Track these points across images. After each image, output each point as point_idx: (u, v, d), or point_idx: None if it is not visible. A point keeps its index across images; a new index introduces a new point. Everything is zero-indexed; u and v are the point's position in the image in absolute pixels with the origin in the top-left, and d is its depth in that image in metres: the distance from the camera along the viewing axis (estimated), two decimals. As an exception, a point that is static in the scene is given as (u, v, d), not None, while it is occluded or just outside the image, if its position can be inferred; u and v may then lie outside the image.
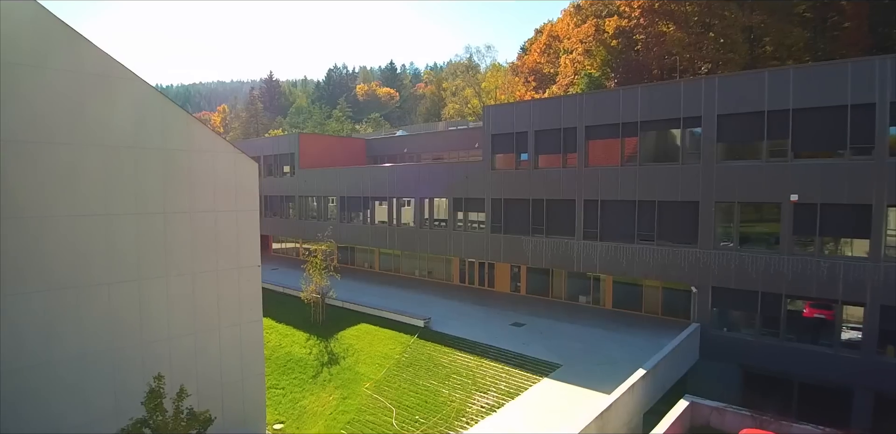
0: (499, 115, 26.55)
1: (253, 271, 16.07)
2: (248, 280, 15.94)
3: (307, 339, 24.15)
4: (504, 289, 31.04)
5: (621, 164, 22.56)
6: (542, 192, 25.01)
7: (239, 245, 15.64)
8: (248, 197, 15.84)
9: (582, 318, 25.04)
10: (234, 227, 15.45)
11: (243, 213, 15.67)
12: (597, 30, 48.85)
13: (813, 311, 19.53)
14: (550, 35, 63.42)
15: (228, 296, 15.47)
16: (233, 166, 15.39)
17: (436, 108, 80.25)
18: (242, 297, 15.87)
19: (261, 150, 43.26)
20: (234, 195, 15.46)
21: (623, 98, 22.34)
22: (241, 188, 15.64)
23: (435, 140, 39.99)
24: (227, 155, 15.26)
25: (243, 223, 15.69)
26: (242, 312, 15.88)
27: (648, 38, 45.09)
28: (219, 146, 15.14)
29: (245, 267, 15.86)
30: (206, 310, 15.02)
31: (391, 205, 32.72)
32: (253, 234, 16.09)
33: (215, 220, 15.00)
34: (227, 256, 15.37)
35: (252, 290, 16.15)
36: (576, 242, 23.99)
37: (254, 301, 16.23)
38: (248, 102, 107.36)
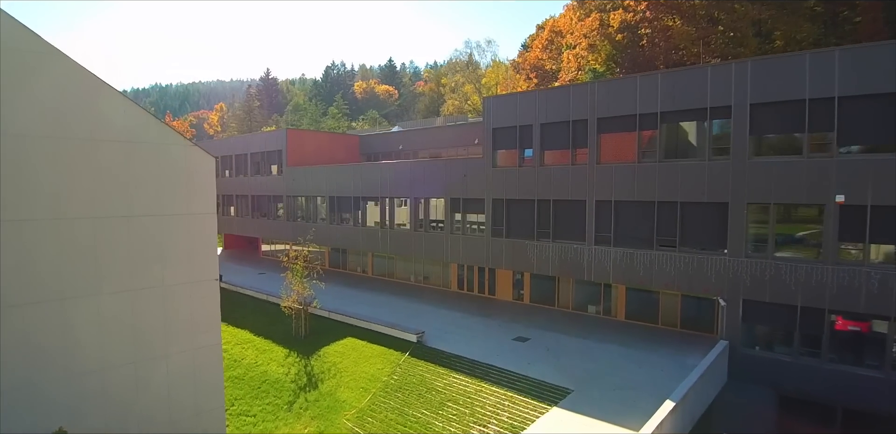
0: (500, 108, 24.04)
1: (209, 286, 13.58)
2: (203, 297, 13.46)
3: (286, 355, 21.68)
4: (506, 297, 28.55)
5: (638, 161, 20.04)
6: (548, 191, 22.51)
7: (192, 255, 13.16)
8: (203, 198, 13.36)
9: (592, 331, 22.55)
10: (185, 234, 12.97)
11: (197, 218, 13.19)
12: (601, 24, 46.95)
13: (847, 323, 17.07)
14: (553, 30, 61.30)
15: (178, 316, 12.99)
16: (184, 162, 12.91)
17: (435, 105, 77.64)
18: (196, 318, 13.39)
19: (247, 147, 40.83)
20: (186, 196, 12.98)
21: (640, 86, 19.82)
22: (195, 188, 13.16)
23: (432, 136, 37.48)
24: (177, 148, 12.78)
25: (197, 229, 13.21)
26: (196, 336, 13.40)
27: (654, 32, 42.97)
28: (167, 138, 12.65)
29: (200, 281, 13.38)
30: (150, 334, 12.56)
31: (384, 205, 30.25)
32: (209, 241, 13.60)
33: (161, 226, 12.52)
34: (177, 269, 12.89)
35: (208, 309, 13.67)
36: (586, 248, 21.48)
37: (211, 322, 13.76)
38: (245, 101, 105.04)
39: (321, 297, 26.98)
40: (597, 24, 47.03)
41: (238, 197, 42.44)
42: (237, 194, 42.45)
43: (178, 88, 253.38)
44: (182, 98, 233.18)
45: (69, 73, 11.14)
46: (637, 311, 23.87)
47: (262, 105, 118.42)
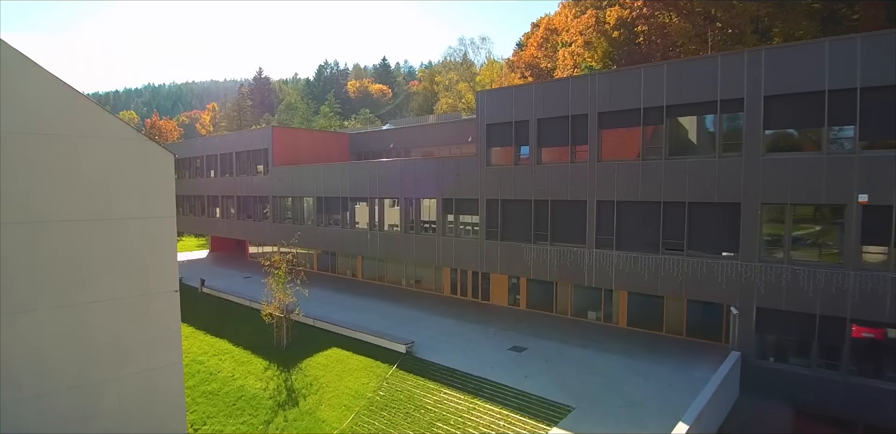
0: (495, 102, 22.64)
1: (168, 299, 12.10)
2: (161, 311, 11.98)
3: (266, 368, 20.20)
4: (501, 302, 27.18)
5: (642, 159, 18.68)
6: (546, 191, 21.13)
7: (147, 264, 11.68)
8: (160, 199, 11.89)
9: (593, 339, 21.20)
10: (139, 240, 11.49)
11: (153, 222, 11.71)
12: (597, 21, 46.23)
13: (861, 329, 15.76)
14: (548, 28, 60.45)
15: (132, 333, 11.51)
16: (137, 159, 11.44)
17: (428, 103, 76.06)
18: (153, 335, 11.91)
19: (233, 146, 39.26)
20: (140, 197, 11.50)
21: (645, 78, 18.46)
22: (151, 188, 11.69)
23: (425, 134, 36.03)
24: (129, 143, 11.30)
25: (154, 234, 11.73)
26: (153, 354, 11.92)
27: (651, 29, 42.05)
28: (117, 132, 11.18)
29: (156, 293, 11.90)
30: (98, 354, 11.07)
31: (373, 206, 28.79)
32: (167, 248, 12.13)
33: (111, 232, 11.04)
34: (130, 280, 11.41)
35: (167, 325, 12.18)
36: (587, 251, 20.10)
37: (170, 339, 12.27)
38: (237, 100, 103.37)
39: (307, 303, 25.54)
40: (593, 21, 46.44)
41: (224, 198, 40.87)
42: (223, 195, 40.89)
43: (171, 88, 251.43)
44: (175, 98, 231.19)
45: (-4, 56, 9.64)
46: (640, 318, 22.55)
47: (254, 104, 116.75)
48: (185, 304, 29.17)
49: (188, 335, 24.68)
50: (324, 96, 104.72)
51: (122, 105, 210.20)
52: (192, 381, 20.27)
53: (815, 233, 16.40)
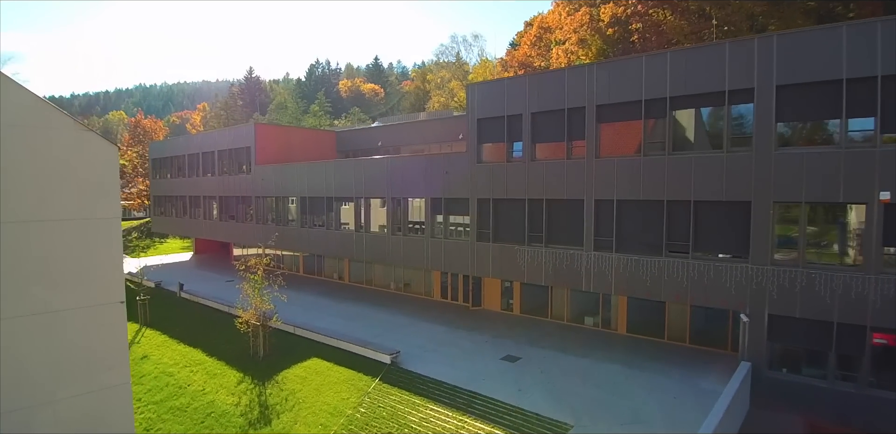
0: (486, 95, 21.30)
1: (112, 312, 10.64)
2: (105, 325, 10.53)
3: (239, 381, 18.72)
4: (494, 306, 25.84)
5: (644, 154, 17.39)
6: (540, 190, 19.80)
7: (88, 272, 10.23)
8: (103, 198, 10.44)
9: (591, 347, 19.89)
10: (78, 245, 10.04)
11: (94, 224, 10.26)
12: (591, 18, 45.51)
13: (882, 336, 14.55)
14: (541, 27, 59.59)
15: (69, 351, 10.06)
16: (75, 152, 9.99)
17: (420, 102, 74.69)
18: (96, 352, 10.46)
19: (215, 144, 37.72)
20: (78, 196, 10.05)
21: (647, 67, 17.18)
22: (91, 185, 10.24)
23: (414, 131, 34.61)
24: (65, 134, 9.86)
25: (95, 238, 10.28)
26: (96, 374, 10.47)
27: (646, 26, 41.16)
28: (49, 120, 9.72)
29: (100, 305, 10.44)
30: (30, 374, 9.61)
31: (359, 206, 27.36)
32: (112, 253, 10.67)
33: (43, 236, 9.59)
34: (68, 290, 9.97)
35: (112, 340, 10.73)
36: (584, 254, 18.78)
37: (116, 356, 10.82)
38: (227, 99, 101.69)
39: (290, 308, 24.18)
40: (587, 19, 45.85)
41: (206, 198, 39.31)
42: (205, 195, 39.32)
43: (162, 89, 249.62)
44: (166, 98, 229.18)
45: None
46: (640, 324, 21.27)
47: (244, 104, 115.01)
48: (162, 310, 27.97)
49: (160, 344, 23.19)
50: (315, 96, 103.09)
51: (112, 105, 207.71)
52: (159, 396, 18.80)
53: (833, 233, 15.13)
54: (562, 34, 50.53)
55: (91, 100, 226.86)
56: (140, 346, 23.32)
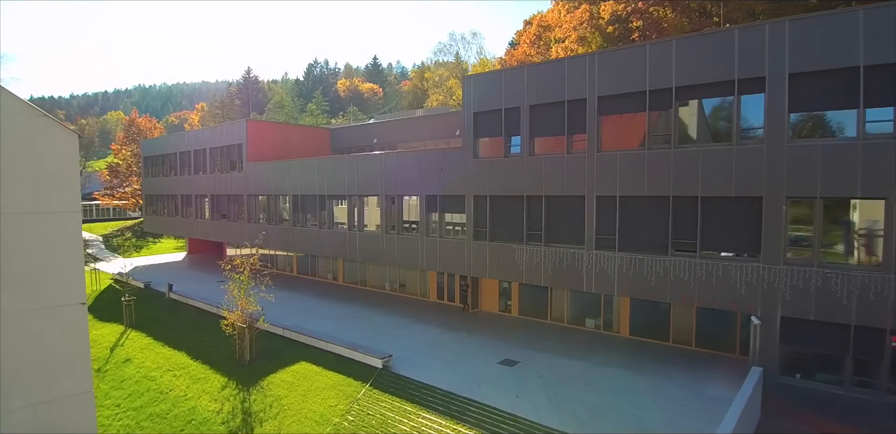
0: (482, 87, 20.43)
1: (73, 314, 9.78)
2: (64, 329, 9.66)
3: (223, 386, 17.82)
4: (491, 308, 24.96)
5: (648, 148, 16.51)
6: (539, 186, 18.92)
7: (44, 271, 9.37)
8: (60, 190, 9.59)
9: (592, 351, 19.01)
10: (31, 241, 9.18)
11: (50, 218, 9.41)
12: (591, 16, 44.89)
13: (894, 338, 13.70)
14: (540, 25, 59.10)
15: (23, 356, 9.19)
16: (28, 139, 9.12)
17: (418, 101, 73.87)
18: (53, 358, 9.59)
19: (206, 141, 36.84)
20: (32, 187, 9.19)
21: (651, 56, 16.31)
22: (46, 176, 9.38)
23: (410, 128, 33.71)
24: (17, 119, 8.98)
25: (51, 233, 9.42)
26: (54, 383, 9.61)
27: (646, 23, 40.45)
28: (4, 105, 8.85)
29: (58, 307, 9.59)
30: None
31: (352, 204, 26.48)
32: (71, 250, 9.82)
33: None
34: (21, 291, 9.11)
35: (73, 345, 9.87)
36: (585, 253, 17.90)
37: (77, 362, 9.96)
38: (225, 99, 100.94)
39: (281, 310, 23.40)
40: (587, 17, 45.30)
41: (198, 197, 38.43)
42: (197, 194, 38.44)
43: (161, 89, 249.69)
44: (165, 99, 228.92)
45: None
46: (643, 326, 20.40)
47: (242, 104, 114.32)
48: (149, 311, 27.07)
49: (145, 347, 22.30)
50: (312, 95, 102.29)
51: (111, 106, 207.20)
52: (139, 401, 17.91)
53: (850, 231, 14.24)
54: (561, 32, 50.00)
55: (90, 100, 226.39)
56: (124, 349, 22.43)
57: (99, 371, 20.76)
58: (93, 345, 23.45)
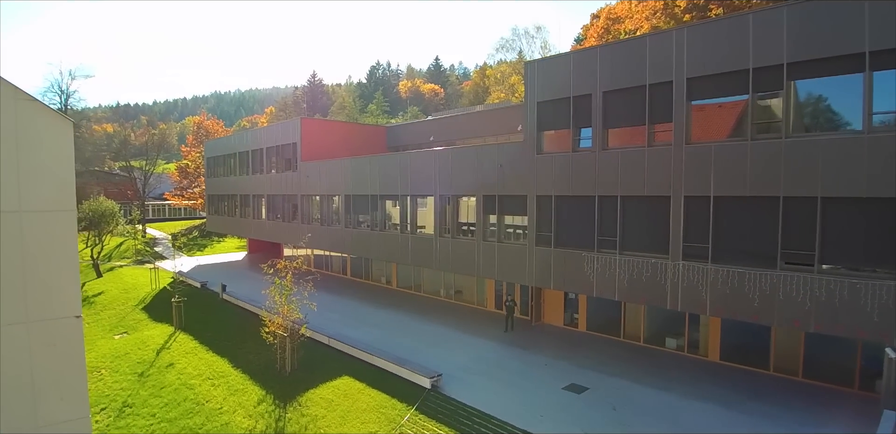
0: (548, 73, 18.10)
1: (66, 328, 8.40)
2: (54, 345, 8.30)
3: (259, 400, 16.48)
4: (556, 321, 22.51)
5: (751, 138, 13.64)
6: (614, 184, 16.36)
7: (33, 278, 8.04)
8: (50, 186, 8.24)
9: (675, 378, 16.23)
10: (16, 244, 7.86)
11: (39, 217, 8.07)
12: (665, 5, 41.71)
13: None
14: (609, 18, 55.99)
15: (4, 378, 7.87)
16: (15, 127, 7.82)
17: (479, 99, 71.85)
18: (43, 378, 8.24)
19: (263, 141, 36.46)
20: (17, 182, 7.87)
21: (756, 27, 13.45)
22: (35, 169, 8.04)
23: (468, 124, 31.69)
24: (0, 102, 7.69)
25: (40, 235, 8.09)
26: (42, 407, 8.25)
27: (727, 11, 36.64)
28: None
29: (47, 320, 8.23)
30: (-57, 410, 7.50)
31: (404, 205, 24.79)
32: (64, 254, 8.44)
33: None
34: (6, 302, 7.79)
35: (66, 363, 8.50)
36: (670, 264, 15.18)
37: (70, 382, 8.58)
38: (282, 102, 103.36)
39: (329, 314, 22.21)
40: (661, 6, 42.17)
41: (255, 197, 38.17)
42: (254, 194, 38.20)
43: (234, 95, 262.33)
44: (238, 104, 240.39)
45: None
46: (738, 350, 17.39)
47: (307, 107, 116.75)
48: (200, 312, 26.42)
49: (189, 351, 21.52)
50: (373, 96, 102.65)
51: (189, 111, 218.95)
52: (175, 412, 16.90)
53: None
54: (632, 23, 47.14)
55: (170, 106, 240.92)
56: (169, 353, 21.76)
57: (142, 375, 20.12)
58: (141, 346, 23.03)
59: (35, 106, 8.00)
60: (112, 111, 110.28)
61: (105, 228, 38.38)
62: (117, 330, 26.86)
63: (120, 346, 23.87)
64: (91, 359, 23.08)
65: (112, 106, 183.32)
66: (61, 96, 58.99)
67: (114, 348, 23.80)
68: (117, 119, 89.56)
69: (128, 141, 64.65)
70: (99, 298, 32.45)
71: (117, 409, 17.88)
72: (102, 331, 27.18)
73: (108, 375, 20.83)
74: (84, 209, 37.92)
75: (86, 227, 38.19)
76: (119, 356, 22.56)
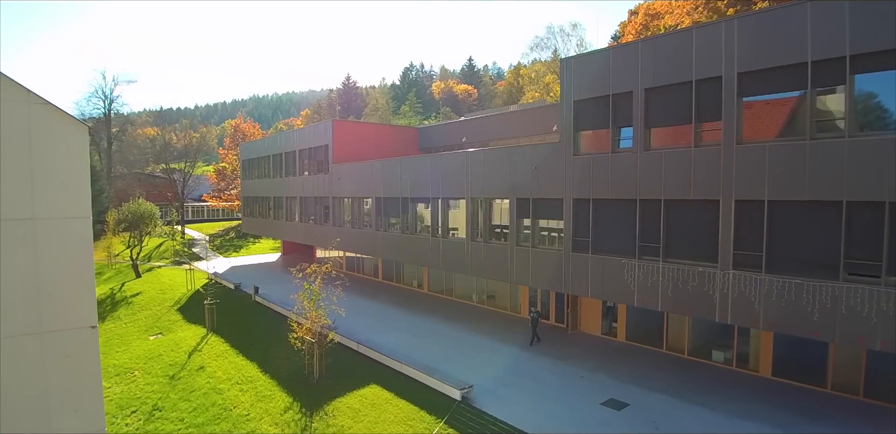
0: (585, 70, 17.23)
1: (81, 339, 8.14)
2: (68, 356, 8.04)
3: (286, 408, 16.14)
4: (592, 329, 21.57)
5: (811, 137, 12.49)
6: (657, 187, 15.37)
7: (44, 286, 7.79)
8: (65, 192, 7.99)
9: (722, 395, 15.14)
10: (30, 253, 7.62)
11: (53, 225, 7.81)
12: None
13: None
14: (647, 14, 54.18)
15: (17, 390, 7.64)
16: (28, 131, 7.58)
17: (513, 99, 70.81)
18: (56, 391, 7.99)
19: (295, 143, 36.55)
20: (30, 189, 7.63)
21: (814, 15, 12.31)
22: (49, 176, 7.79)
23: (502, 124, 30.89)
24: (10, 107, 7.45)
25: (54, 244, 7.83)
26: (57, 421, 8.01)
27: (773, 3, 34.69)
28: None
29: (62, 330, 7.98)
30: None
31: (435, 208, 24.22)
32: (79, 263, 8.19)
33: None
34: (15, 311, 7.55)
35: (80, 375, 8.25)
36: (719, 273, 14.10)
37: (85, 395, 8.32)
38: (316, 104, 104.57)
39: (359, 318, 21.96)
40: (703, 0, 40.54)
41: (288, 199, 38.33)
42: (287, 196, 38.36)
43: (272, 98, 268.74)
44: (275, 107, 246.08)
45: None
46: (792, 364, 16.15)
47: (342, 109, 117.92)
48: (232, 314, 26.45)
49: (220, 354, 21.48)
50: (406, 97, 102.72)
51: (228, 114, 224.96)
52: (202, 418, 16.75)
53: None
54: (672, 19, 45.42)
55: (210, 110, 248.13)
56: (200, 355, 21.77)
57: (173, 378, 20.14)
58: (174, 348, 23.14)
59: (48, 109, 7.74)
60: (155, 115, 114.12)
61: (144, 230, 39.18)
62: (152, 331, 27.19)
63: (154, 348, 24.08)
64: (126, 360, 23.37)
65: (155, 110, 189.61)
66: (105, 101, 60.82)
67: (148, 349, 24.03)
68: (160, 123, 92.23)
69: (169, 144, 66.34)
70: (137, 299, 33.04)
71: (147, 413, 17.89)
72: (139, 331, 27.56)
73: (141, 377, 20.96)
74: (124, 211, 38.88)
75: (126, 228, 39.13)
76: (152, 358, 22.73)
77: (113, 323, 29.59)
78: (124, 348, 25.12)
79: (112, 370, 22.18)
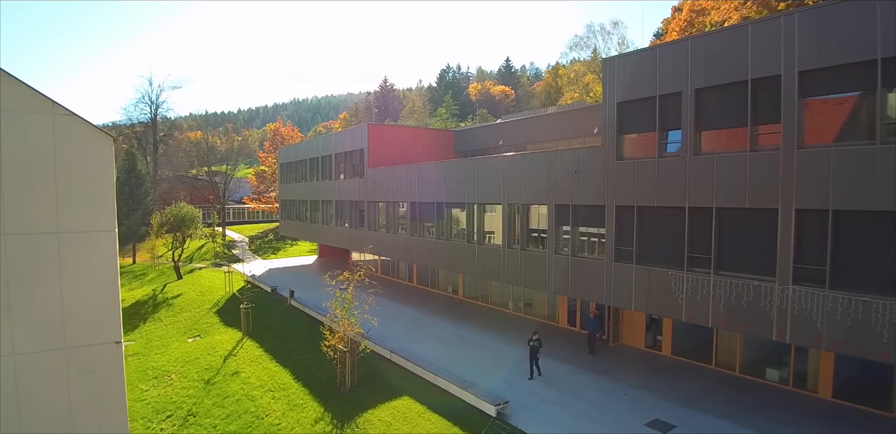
0: (629, 70, 16.35)
1: (106, 354, 7.94)
2: (93, 372, 7.85)
3: (317, 419, 15.85)
4: (635, 343, 20.57)
5: (881, 141, 11.35)
6: (708, 194, 14.37)
7: (70, 303, 7.61)
8: (90, 205, 7.80)
9: (779, 419, 14.01)
10: (54, 267, 7.45)
11: (78, 238, 7.63)
12: None
13: None
14: (692, 10, 52.10)
15: (43, 405, 7.48)
16: (53, 144, 7.41)
17: (551, 100, 69.52)
18: (80, 406, 7.81)
19: (332, 147, 36.64)
20: (56, 201, 7.46)
21: (884, 9, 11.18)
22: (75, 188, 7.62)
23: (540, 127, 30.03)
24: (38, 120, 7.30)
25: (79, 258, 7.65)
26: (82, 427, 7.81)
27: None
28: (15, 101, 7.19)
29: (86, 346, 7.79)
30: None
31: (471, 213, 23.65)
32: (103, 276, 7.98)
33: (6, 253, 7.08)
34: (39, 327, 7.39)
35: (104, 390, 8.05)
36: (777, 288, 13.02)
37: (111, 412, 8.11)
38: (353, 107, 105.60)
39: (393, 325, 21.73)
40: None
41: (324, 203, 38.48)
42: (323, 200, 38.51)
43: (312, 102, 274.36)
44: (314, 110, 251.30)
45: None
46: (855, 386, 14.89)
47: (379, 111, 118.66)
48: (268, 318, 26.48)
49: (254, 359, 21.49)
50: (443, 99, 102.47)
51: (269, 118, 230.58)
52: (234, 425, 16.68)
53: None
54: (719, 15, 43.46)
55: (252, 114, 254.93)
56: (235, 360, 21.86)
57: (208, 382, 20.24)
58: (210, 352, 23.32)
59: (73, 121, 7.57)
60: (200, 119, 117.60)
61: (185, 232, 40.05)
62: (191, 333, 27.57)
63: (191, 351, 24.35)
64: (164, 362, 23.70)
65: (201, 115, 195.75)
66: (151, 107, 62.79)
67: (185, 352, 24.31)
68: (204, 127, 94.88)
69: (213, 147, 68.01)
70: (177, 301, 33.69)
71: (182, 418, 17.97)
72: (178, 333, 28.00)
73: (178, 381, 21.17)
74: (167, 214, 39.85)
75: (168, 230, 40.09)
76: (189, 361, 22.96)
77: (154, 324, 30.20)
78: (163, 350, 25.52)
79: (151, 373, 22.52)
